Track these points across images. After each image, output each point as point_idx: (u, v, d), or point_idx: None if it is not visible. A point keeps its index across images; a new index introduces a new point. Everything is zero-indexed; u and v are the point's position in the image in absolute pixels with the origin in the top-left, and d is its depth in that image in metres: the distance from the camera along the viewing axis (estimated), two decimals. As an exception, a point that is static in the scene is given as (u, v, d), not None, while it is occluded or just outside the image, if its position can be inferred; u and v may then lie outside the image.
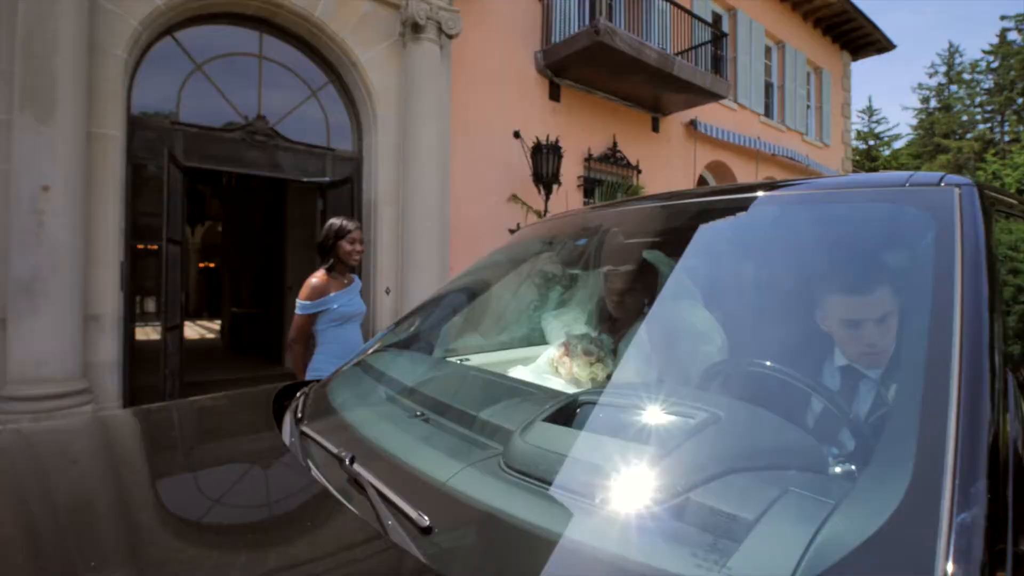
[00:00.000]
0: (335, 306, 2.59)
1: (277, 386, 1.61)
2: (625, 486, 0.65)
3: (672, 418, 0.74)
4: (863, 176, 1.12)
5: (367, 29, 5.74)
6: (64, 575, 0.66)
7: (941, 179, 0.93)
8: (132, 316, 4.68)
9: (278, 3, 5.22)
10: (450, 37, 6.05)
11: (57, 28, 3.90)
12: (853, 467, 0.64)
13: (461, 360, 1.82)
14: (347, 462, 0.85)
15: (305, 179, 5.70)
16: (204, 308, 17.60)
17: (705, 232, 1.26)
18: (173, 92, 4.99)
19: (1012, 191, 15.77)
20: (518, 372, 1.59)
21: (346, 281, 2.72)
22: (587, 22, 7.81)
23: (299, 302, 2.59)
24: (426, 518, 0.68)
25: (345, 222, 2.70)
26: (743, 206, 1.25)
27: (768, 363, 0.94)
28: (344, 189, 5.68)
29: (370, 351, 1.67)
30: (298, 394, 1.40)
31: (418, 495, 0.74)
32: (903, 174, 0.98)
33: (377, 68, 5.81)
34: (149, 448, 1.19)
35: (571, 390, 1.30)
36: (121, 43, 4.40)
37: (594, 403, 0.83)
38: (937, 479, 0.52)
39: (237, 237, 10.65)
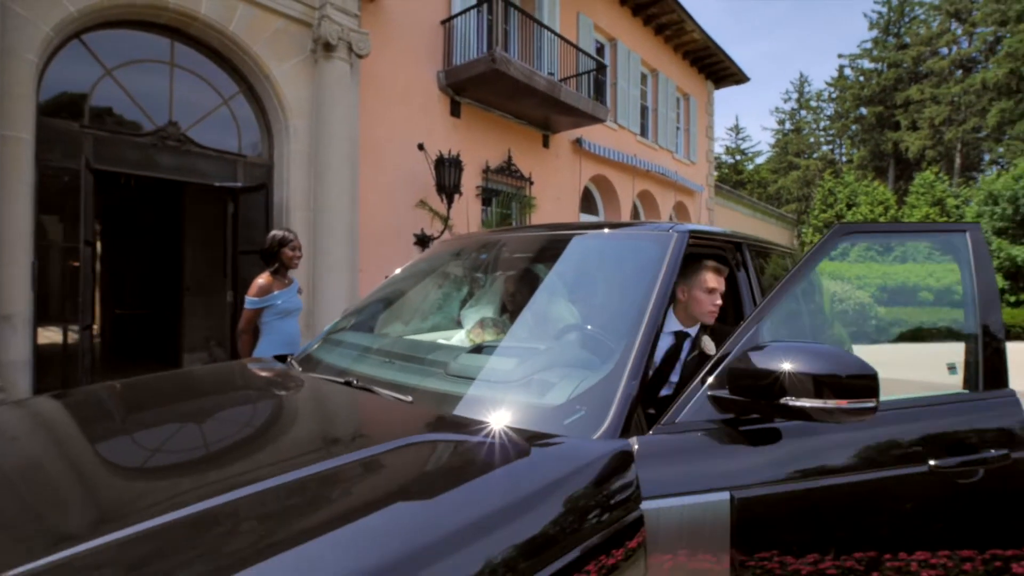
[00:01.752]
0: (279, 302, 3.12)
1: (243, 361, 2.19)
2: (506, 375, 1.39)
3: (529, 347, 1.50)
4: (641, 223, 1.95)
5: (280, 44, 6.10)
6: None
7: (671, 228, 1.76)
8: (41, 316, 4.75)
9: (192, 15, 5.47)
10: (360, 57, 6.56)
11: (-29, 34, 3.99)
12: (601, 361, 1.43)
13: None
14: (354, 383, 1.52)
15: (217, 183, 5.95)
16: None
17: (565, 251, 2.04)
18: (83, 95, 5.09)
19: (843, 204, 18.52)
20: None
21: (287, 282, 3.26)
22: (485, 45, 8.61)
23: (248, 298, 3.09)
24: (409, 397, 1.37)
25: (287, 233, 3.23)
26: (582, 235, 2.05)
27: (588, 327, 1.74)
28: (259, 194, 6.00)
29: (326, 335, 2.29)
30: (288, 359, 2.01)
31: (400, 391, 1.43)
32: (653, 223, 1.81)
33: (289, 81, 6.19)
34: (210, 395, 1.75)
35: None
36: (33, 48, 4.50)
37: (494, 346, 1.58)
38: (623, 367, 1.29)
39: (122, 236, 10.25)
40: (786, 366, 1.16)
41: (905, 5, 37.30)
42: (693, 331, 2.19)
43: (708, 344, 2.16)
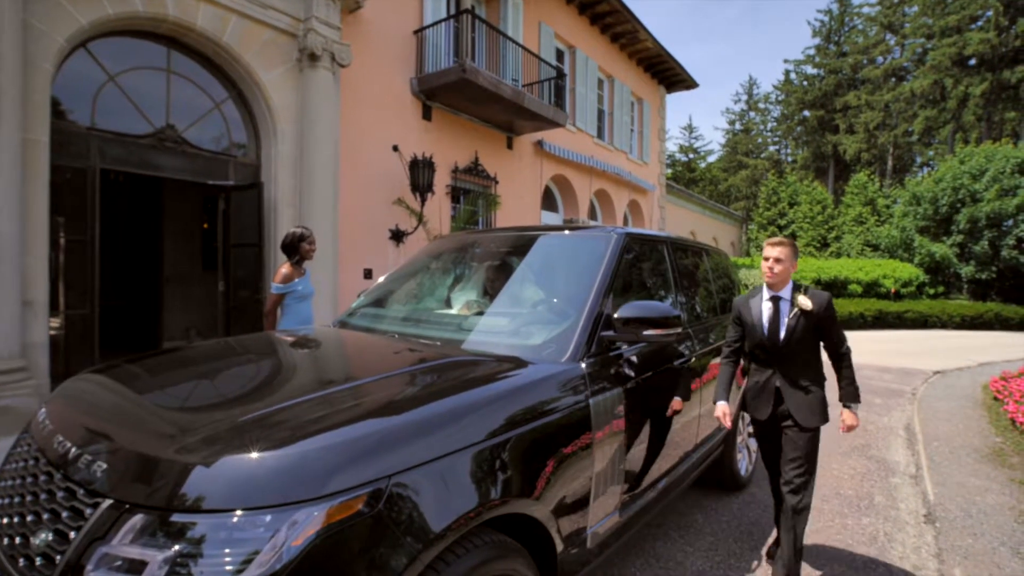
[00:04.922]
0: (299, 288, 3.76)
1: (270, 333, 2.87)
2: (503, 327, 2.14)
3: (515, 312, 2.26)
4: (591, 226, 2.72)
5: (268, 54, 6.62)
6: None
7: (612, 230, 2.53)
8: (55, 302, 5.20)
9: (189, 26, 5.94)
10: (342, 66, 7.13)
11: (1, 48, 4.42)
12: (564, 319, 2.19)
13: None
14: (395, 336, 2.23)
15: (210, 182, 6.44)
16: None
17: (534, 246, 2.79)
18: (88, 100, 5.52)
19: (785, 203, 19.98)
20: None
21: (303, 271, 3.89)
22: (453, 54, 9.26)
23: (274, 285, 3.72)
24: (439, 342, 2.10)
25: (305, 230, 3.87)
26: (547, 235, 2.81)
27: (555, 300, 2.50)
28: (251, 192, 6.52)
29: (351, 312, 2.98)
30: (331, 323, 2.70)
31: (432, 340, 2.16)
32: (600, 227, 2.59)
33: (277, 88, 6.71)
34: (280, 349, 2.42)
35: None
36: (49, 58, 4.94)
37: (492, 313, 2.33)
38: (576, 323, 2.06)
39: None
40: (639, 314, 2.00)
41: (845, 15, 39.65)
42: (784, 293, 2.53)
43: (804, 301, 2.46)
